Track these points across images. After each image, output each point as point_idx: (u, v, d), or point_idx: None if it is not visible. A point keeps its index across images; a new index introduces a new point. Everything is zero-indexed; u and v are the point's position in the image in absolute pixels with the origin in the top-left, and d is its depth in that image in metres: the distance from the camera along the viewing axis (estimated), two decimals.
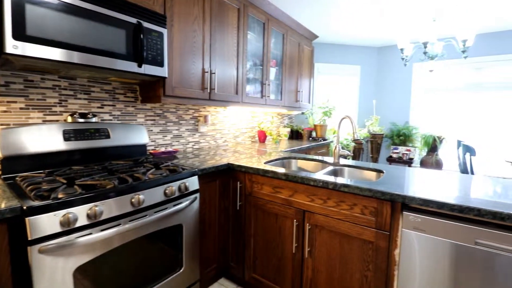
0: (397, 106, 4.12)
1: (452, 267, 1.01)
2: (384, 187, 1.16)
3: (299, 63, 3.29)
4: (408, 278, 1.09)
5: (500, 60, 3.43)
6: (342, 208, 1.24)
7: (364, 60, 4.25)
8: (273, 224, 1.50)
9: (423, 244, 1.05)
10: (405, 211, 1.08)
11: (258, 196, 1.54)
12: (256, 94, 2.56)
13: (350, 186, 1.19)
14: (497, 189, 1.20)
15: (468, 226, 0.97)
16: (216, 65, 1.99)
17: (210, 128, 2.43)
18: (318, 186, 1.29)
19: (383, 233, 1.14)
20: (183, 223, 1.36)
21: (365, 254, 1.19)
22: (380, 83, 4.26)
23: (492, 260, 0.94)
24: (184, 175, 1.36)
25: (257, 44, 2.55)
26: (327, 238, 1.30)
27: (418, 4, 2.65)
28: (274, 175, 1.44)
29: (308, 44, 3.51)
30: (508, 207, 0.94)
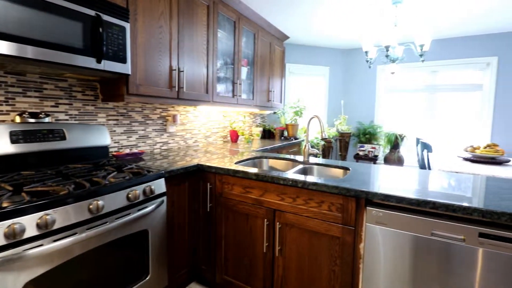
0: (363, 106, 4.33)
1: (412, 257, 1.07)
2: (349, 184, 1.20)
3: (271, 63, 3.32)
4: (372, 270, 1.14)
5: (453, 64, 3.75)
6: (310, 205, 1.26)
7: (333, 62, 4.41)
8: (244, 225, 1.48)
9: (385, 237, 1.11)
10: (368, 207, 1.13)
11: (229, 197, 1.52)
12: (227, 93, 2.53)
13: (318, 184, 1.22)
14: (450, 182, 1.30)
15: (425, 218, 1.04)
16: (184, 63, 1.93)
17: (179, 128, 2.35)
18: (288, 185, 1.31)
19: (349, 228, 1.18)
20: (149, 228, 1.29)
21: (333, 250, 1.23)
22: (348, 84, 4.44)
23: (446, 249, 1.01)
24: (149, 178, 1.29)
25: (228, 43, 2.52)
26: (297, 235, 1.32)
27: (381, 10, 2.80)
28: (244, 175, 1.43)
29: (280, 45, 3.56)
30: (460, 199, 1.03)
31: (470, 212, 0.97)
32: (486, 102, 3.60)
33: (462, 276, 0.99)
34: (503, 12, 2.82)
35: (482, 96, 3.66)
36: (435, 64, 3.84)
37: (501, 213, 0.92)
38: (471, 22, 3.12)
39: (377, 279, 1.13)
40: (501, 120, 3.52)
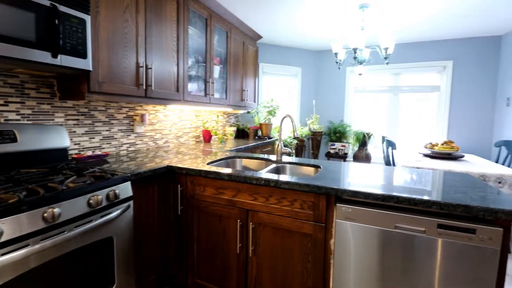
0: (334, 106, 4.48)
1: (379, 250, 1.12)
2: (320, 182, 1.23)
3: (244, 62, 3.30)
4: (343, 264, 1.17)
5: (414, 67, 4.02)
6: (283, 204, 1.27)
7: (305, 62, 4.50)
8: (217, 226, 1.46)
9: (354, 232, 1.15)
10: (338, 203, 1.16)
11: (201, 199, 1.48)
12: (199, 92, 2.47)
13: (290, 183, 1.23)
14: (412, 177, 1.39)
15: (389, 212, 1.09)
16: (153, 59, 1.84)
17: (148, 128, 2.25)
18: (261, 185, 1.30)
19: (320, 225, 1.20)
20: (113, 236, 1.21)
21: (305, 247, 1.25)
22: (319, 84, 4.57)
23: (409, 241, 1.07)
24: (113, 182, 1.21)
25: (199, 41, 2.46)
26: (270, 235, 1.32)
27: (349, 13, 2.92)
28: (216, 176, 1.40)
29: (253, 44, 3.55)
30: (421, 193, 1.09)
31: (429, 205, 1.03)
32: (443, 102, 3.91)
33: (425, 265, 1.06)
34: (456, 21, 3.08)
35: (439, 97, 3.96)
36: (398, 67, 4.09)
37: (456, 205, 1.00)
38: (429, 28, 3.36)
39: (348, 273, 1.17)
40: (456, 119, 3.84)
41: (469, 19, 3.03)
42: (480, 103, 3.72)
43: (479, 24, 3.19)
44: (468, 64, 3.75)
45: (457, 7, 2.71)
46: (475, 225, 0.99)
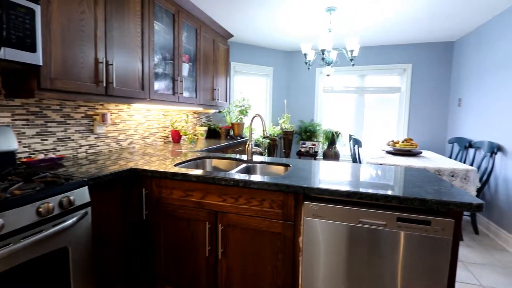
0: (305, 105, 4.59)
1: (345, 245, 1.15)
2: (289, 180, 1.24)
3: (215, 61, 3.24)
4: (311, 261, 1.19)
5: (378, 69, 4.25)
6: (252, 204, 1.26)
7: (277, 62, 4.55)
8: (185, 230, 1.41)
9: (321, 229, 1.17)
10: (306, 201, 1.18)
11: (168, 202, 1.42)
12: (167, 90, 2.37)
13: (259, 182, 1.22)
14: (375, 173, 1.46)
15: (353, 208, 1.13)
16: (114, 55, 1.73)
17: (110, 129, 2.11)
18: (229, 185, 1.28)
19: (289, 223, 1.21)
20: (69, 246, 1.11)
21: (275, 246, 1.25)
22: (291, 84, 4.65)
23: (373, 235, 1.12)
24: (67, 187, 1.11)
25: (166, 37, 2.36)
26: (240, 236, 1.30)
27: (317, 16, 2.99)
28: (184, 178, 1.35)
29: (224, 42, 3.51)
30: (383, 188, 1.15)
31: (389, 199, 1.08)
32: (404, 103, 4.18)
33: (388, 258, 1.11)
34: (414, 27, 3.30)
35: (400, 97, 4.23)
36: (363, 69, 4.30)
37: (413, 199, 1.06)
38: (390, 33, 3.57)
39: (317, 268, 1.19)
40: (415, 118, 4.13)
41: (425, 25, 3.27)
42: (435, 103, 4.04)
43: (434, 30, 3.45)
44: (425, 67, 4.04)
45: (413, 14, 2.91)
46: (430, 217, 1.06)
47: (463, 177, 2.44)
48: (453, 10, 2.80)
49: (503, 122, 2.68)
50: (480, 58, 3.18)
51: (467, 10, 2.78)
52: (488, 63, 3.02)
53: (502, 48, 2.78)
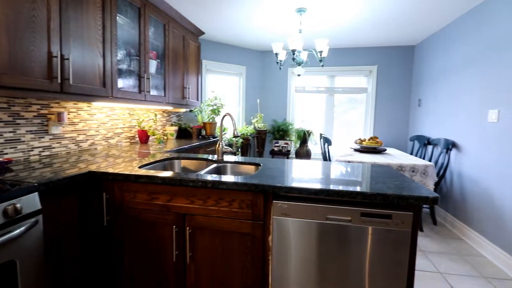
0: (277, 104, 4.64)
1: (314, 241, 1.17)
2: (258, 179, 1.23)
3: (185, 58, 3.15)
4: (282, 259, 1.19)
5: (346, 70, 4.42)
6: (221, 205, 1.23)
7: (249, 61, 4.54)
8: (151, 235, 1.34)
9: (290, 227, 1.18)
10: (275, 200, 1.18)
11: (131, 206, 1.34)
12: (132, 88, 2.25)
13: (227, 183, 1.20)
14: (343, 171, 1.50)
15: (321, 205, 1.15)
16: (70, 49, 1.59)
17: (68, 129, 1.96)
18: (198, 187, 1.24)
19: (258, 223, 1.20)
20: (16, 259, 1.00)
21: (244, 246, 1.24)
22: (264, 84, 4.67)
23: (339, 231, 1.14)
24: (13, 194, 1.00)
25: (131, 31, 2.24)
26: (209, 238, 1.27)
27: (288, 16, 3.03)
28: (149, 180, 1.28)
29: (194, 40, 3.42)
30: (348, 184, 1.18)
31: (354, 196, 1.12)
32: (370, 103, 4.39)
33: (355, 251, 1.14)
34: (378, 31, 3.48)
35: (367, 98, 4.44)
36: (333, 70, 4.44)
37: (376, 194, 1.10)
38: (357, 36, 3.73)
39: (288, 266, 1.19)
40: (380, 117, 4.36)
41: (388, 30, 3.45)
42: (398, 103, 4.29)
43: (397, 35, 3.66)
44: (389, 69, 4.28)
45: (377, 18, 3.06)
46: (391, 211, 1.11)
47: (422, 172, 2.62)
48: (413, 16, 2.99)
49: (457, 121, 2.92)
50: (437, 61, 3.43)
51: (426, 17, 2.99)
52: (444, 66, 3.27)
53: (456, 52, 3.03)
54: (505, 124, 2.20)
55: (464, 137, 2.77)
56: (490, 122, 2.37)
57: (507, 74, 2.21)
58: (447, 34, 3.22)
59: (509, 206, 2.12)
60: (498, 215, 2.23)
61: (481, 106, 2.50)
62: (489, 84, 2.42)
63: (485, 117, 2.44)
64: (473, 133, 2.62)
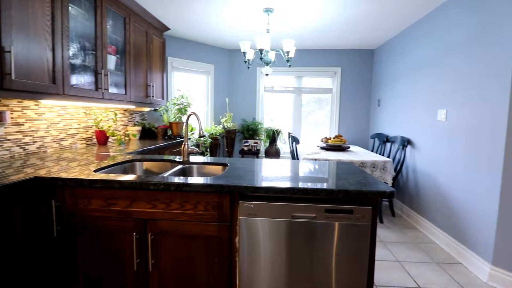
0: (247, 104, 4.63)
1: (282, 240, 1.17)
2: (224, 180, 1.20)
3: (149, 54, 3.00)
4: (250, 260, 1.18)
5: (313, 71, 4.55)
6: (186, 208, 1.19)
7: (218, 60, 4.47)
8: (110, 244, 1.24)
9: (257, 227, 1.17)
10: (241, 201, 1.16)
11: (86, 214, 1.23)
12: (88, 85, 2.08)
13: (192, 184, 1.15)
14: (310, 168, 1.53)
15: (286, 204, 1.16)
16: (13, 40, 1.41)
17: (11, 130, 1.75)
18: (160, 190, 1.18)
19: (224, 225, 1.18)
20: None
21: (211, 249, 1.20)
22: (232, 83, 4.64)
23: (306, 228, 1.16)
24: None
25: (86, 24, 2.06)
26: (173, 243, 1.21)
27: (255, 15, 3.03)
28: (105, 185, 1.19)
29: (159, 35, 3.27)
30: (313, 182, 1.20)
31: (318, 193, 1.14)
32: (335, 102, 4.58)
33: (323, 247, 1.17)
34: (341, 34, 3.63)
35: (332, 98, 4.63)
36: (300, 70, 4.55)
37: (339, 191, 1.14)
38: (322, 38, 3.86)
39: (257, 266, 1.18)
40: (344, 116, 4.57)
41: (351, 34, 3.62)
42: (360, 103, 4.54)
43: (358, 39, 3.86)
44: (352, 71, 4.50)
45: (340, 22, 3.19)
46: (352, 207, 1.15)
47: (381, 167, 2.79)
48: (372, 22, 3.17)
49: (411, 120, 3.16)
50: (394, 64, 3.69)
51: (383, 23, 3.19)
52: (399, 69, 3.52)
53: (410, 56, 3.27)
54: (452, 123, 2.43)
55: (417, 135, 3.01)
56: (439, 120, 2.60)
57: (452, 76, 2.44)
58: (402, 39, 3.47)
59: (456, 197, 2.35)
60: (447, 206, 2.46)
61: (432, 106, 2.74)
62: (438, 86, 2.65)
63: (435, 116, 2.67)
64: (425, 131, 2.86)
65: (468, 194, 2.19)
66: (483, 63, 2.07)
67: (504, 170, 1.85)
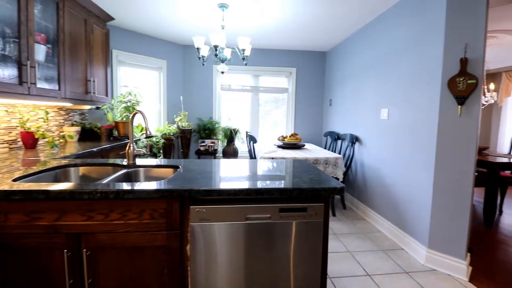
0: (203, 102, 4.48)
1: (239, 244, 1.12)
2: (174, 184, 1.11)
3: (88, 46, 2.68)
4: (204, 268, 1.11)
5: (269, 71, 4.60)
6: (129, 218, 1.06)
7: (171, 55, 4.23)
8: (35, 265, 1.05)
9: (210, 232, 1.10)
10: (192, 205, 1.09)
11: (3, 232, 1.02)
12: (9, 79, 1.76)
13: (135, 191, 1.04)
14: (266, 168, 1.51)
15: (240, 206, 1.12)
16: None
17: None
18: (96, 199, 1.03)
19: (174, 233, 1.09)
20: None
21: (160, 260, 1.10)
22: (187, 80, 4.44)
23: (261, 229, 1.13)
24: None
25: (7, 6, 1.75)
26: (115, 258, 1.08)
27: (210, 11, 2.93)
28: (26, 196, 1.00)
29: (101, 25, 2.95)
30: (270, 181, 1.18)
31: (272, 192, 1.12)
32: (291, 102, 4.71)
33: (281, 246, 1.15)
34: (295, 36, 3.73)
35: (288, 97, 4.74)
36: (257, 69, 4.57)
37: (292, 189, 1.13)
38: (278, 39, 3.92)
39: (212, 274, 1.12)
40: (300, 115, 4.73)
41: (305, 36, 3.74)
42: (314, 103, 4.74)
43: (312, 41, 4.01)
44: (306, 72, 4.67)
45: (294, 23, 3.27)
46: (306, 204, 1.16)
47: (333, 164, 2.94)
48: (324, 26, 3.31)
49: (359, 119, 3.40)
50: (343, 66, 3.92)
51: (334, 27, 3.35)
52: (349, 71, 3.75)
53: (357, 59, 3.50)
54: (393, 121, 2.66)
55: (364, 132, 3.24)
56: (383, 119, 2.84)
57: (394, 78, 2.67)
58: (351, 43, 3.70)
59: (398, 188, 2.58)
60: (391, 197, 2.69)
61: (376, 106, 2.97)
62: (381, 87, 2.88)
63: (379, 115, 2.90)
64: (370, 128, 3.09)
65: (408, 186, 2.43)
66: (419, 67, 2.30)
67: (436, 164, 2.08)
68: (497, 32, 3.33)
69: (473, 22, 1.91)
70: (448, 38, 2.00)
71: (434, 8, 2.11)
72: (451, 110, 2.02)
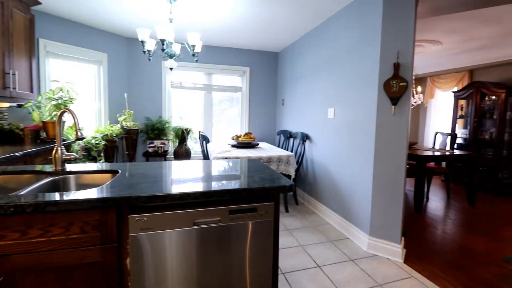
0: (151, 100, 4.19)
1: (193, 249, 1.06)
2: (109, 191, 0.99)
3: (6, 33, 2.28)
4: (150, 282, 1.02)
5: (222, 69, 4.52)
6: (53, 234, 0.91)
7: (113, 48, 3.85)
8: None
9: (154, 242, 1.01)
10: (131, 214, 0.98)
11: None
12: None
13: (60, 202, 0.89)
14: (218, 168, 1.46)
15: (187, 210, 1.05)
16: None
17: None
18: (9, 215, 0.86)
19: (110, 246, 0.97)
20: None
21: (94, 279, 0.97)
22: (133, 76, 4.10)
23: (211, 232, 1.08)
24: None
25: None
26: (36, 281, 0.92)
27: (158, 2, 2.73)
28: None
29: (23, 9, 2.53)
30: (220, 182, 1.13)
31: (222, 194, 1.09)
32: (245, 101, 4.71)
33: (234, 249, 1.12)
34: (249, 35, 3.73)
35: (242, 96, 4.73)
36: (209, 67, 4.45)
37: (243, 190, 1.11)
38: (231, 37, 3.87)
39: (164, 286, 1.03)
40: (254, 114, 4.76)
41: (258, 35, 3.76)
42: (268, 102, 4.82)
43: (265, 41, 4.05)
44: (259, 71, 4.72)
45: (246, 21, 3.26)
46: (255, 204, 1.15)
47: (286, 161, 3.02)
48: (275, 26, 3.37)
49: (309, 117, 3.55)
50: (294, 67, 4.06)
51: (285, 28, 3.44)
52: (299, 71, 3.89)
53: (307, 60, 3.65)
54: (339, 120, 2.84)
55: (314, 130, 3.41)
56: (329, 118, 3.01)
57: (340, 79, 2.85)
58: (301, 44, 3.84)
59: (343, 182, 2.77)
60: (337, 191, 2.87)
61: (324, 105, 3.14)
62: (329, 87, 3.05)
63: (326, 114, 3.08)
64: (319, 127, 3.26)
65: (351, 179, 2.62)
66: (360, 69, 2.49)
67: (375, 158, 2.28)
68: (423, 42, 3.81)
69: (404, 31, 2.14)
70: (383, 45, 2.20)
71: (372, 16, 2.30)
72: (386, 110, 2.23)
